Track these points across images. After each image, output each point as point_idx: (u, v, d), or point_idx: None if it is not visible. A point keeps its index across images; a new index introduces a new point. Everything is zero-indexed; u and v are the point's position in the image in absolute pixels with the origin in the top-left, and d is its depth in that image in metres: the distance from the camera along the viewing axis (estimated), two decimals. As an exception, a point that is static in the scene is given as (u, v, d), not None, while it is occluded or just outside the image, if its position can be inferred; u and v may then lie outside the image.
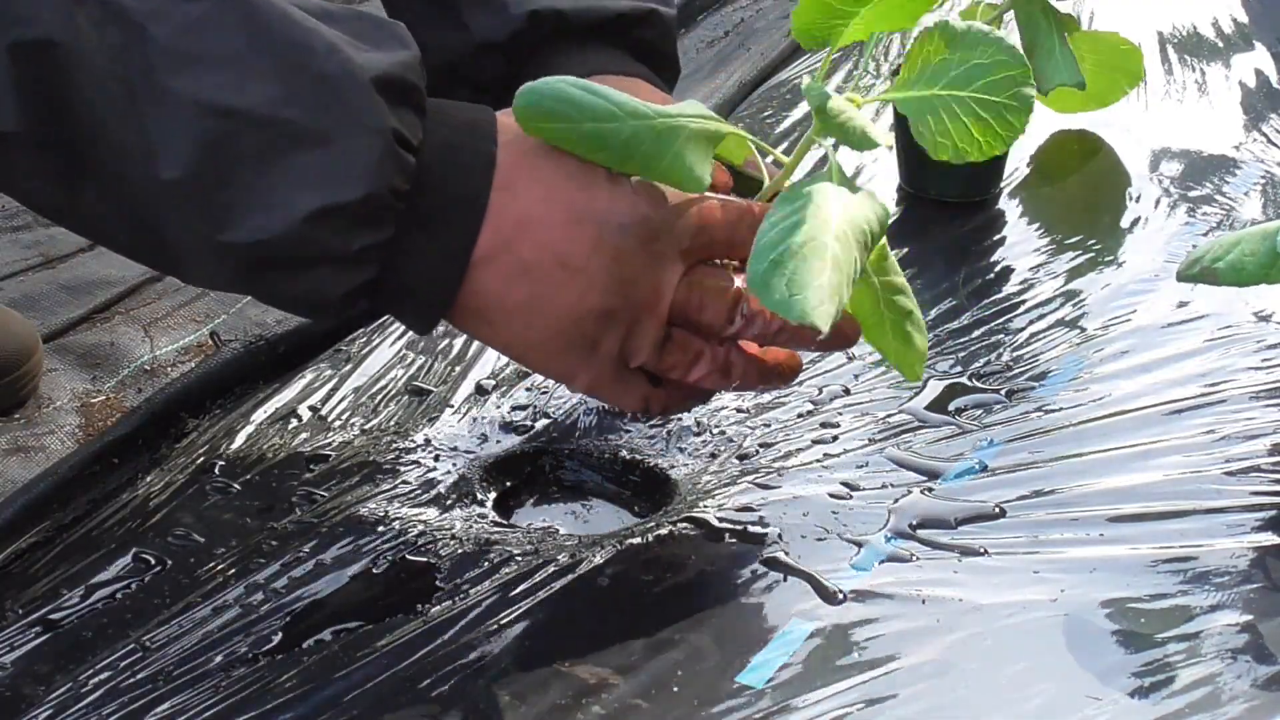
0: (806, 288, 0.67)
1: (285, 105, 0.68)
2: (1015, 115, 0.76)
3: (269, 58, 0.68)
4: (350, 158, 0.69)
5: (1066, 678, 0.75)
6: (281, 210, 0.68)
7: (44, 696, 0.76)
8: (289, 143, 0.68)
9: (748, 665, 0.76)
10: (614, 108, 0.74)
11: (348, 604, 0.83)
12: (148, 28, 0.66)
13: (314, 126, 0.69)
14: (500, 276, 0.75)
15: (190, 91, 0.67)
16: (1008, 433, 0.94)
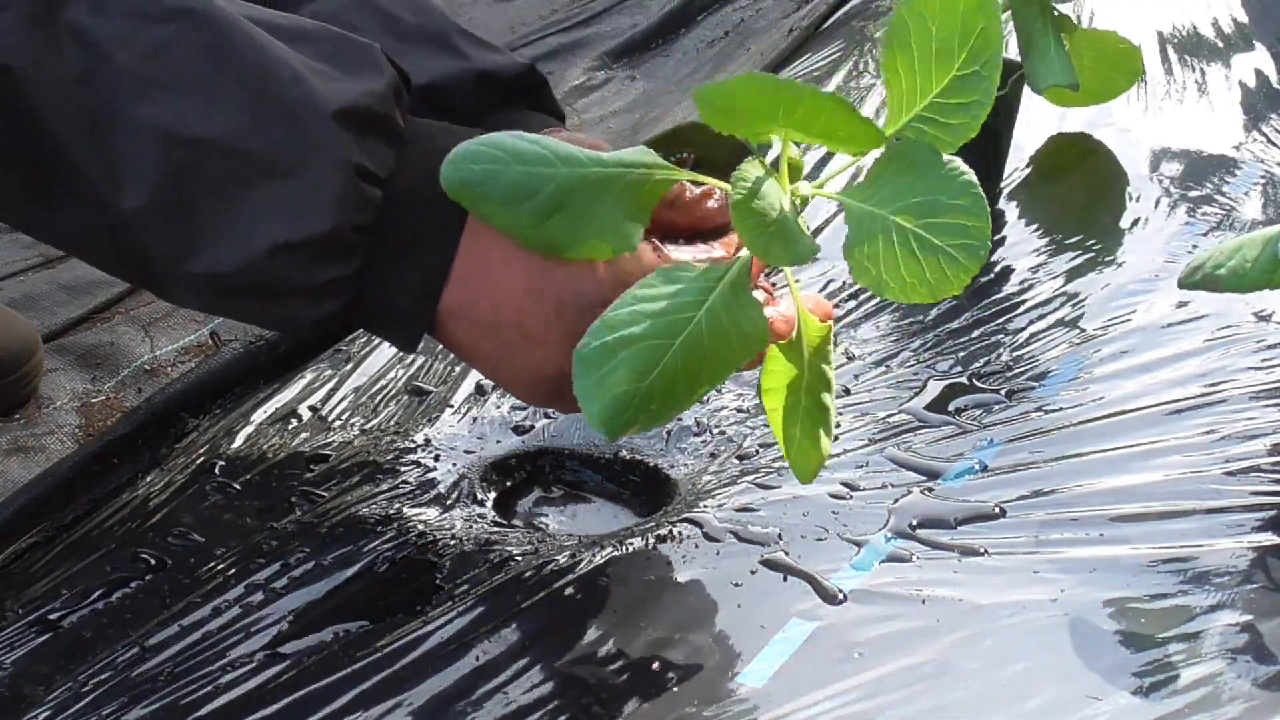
0: (610, 392, 0.65)
1: (248, 136, 0.67)
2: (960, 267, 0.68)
3: (234, 85, 0.67)
4: (312, 192, 0.68)
5: (1066, 678, 0.75)
6: (242, 243, 0.67)
7: (44, 696, 0.76)
8: (251, 174, 0.67)
9: (748, 665, 0.76)
10: (547, 152, 0.67)
11: (348, 604, 0.83)
12: (111, 53, 0.65)
13: (276, 159, 0.67)
14: (465, 329, 0.75)
15: (153, 119, 0.65)
16: (1008, 433, 0.94)
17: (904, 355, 1.04)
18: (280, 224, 0.67)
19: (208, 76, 0.66)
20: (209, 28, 0.67)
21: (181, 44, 0.66)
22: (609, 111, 1.67)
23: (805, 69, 1.54)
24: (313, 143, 0.68)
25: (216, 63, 0.67)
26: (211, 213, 0.67)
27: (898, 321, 1.08)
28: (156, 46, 0.66)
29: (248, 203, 0.67)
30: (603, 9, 1.89)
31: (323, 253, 0.69)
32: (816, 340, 0.74)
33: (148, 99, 0.65)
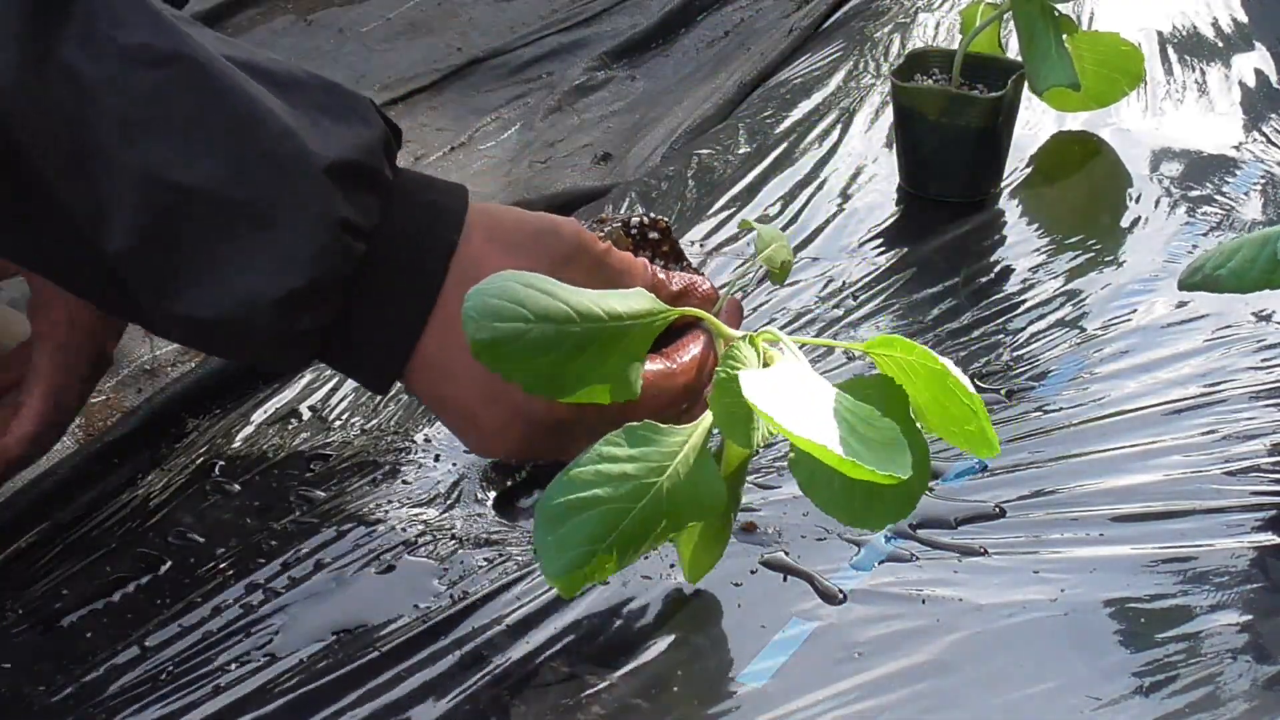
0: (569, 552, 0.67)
1: (235, 185, 0.67)
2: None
3: (221, 134, 0.67)
4: (296, 244, 0.68)
5: (1066, 678, 0.75)
6: (222, 291, 0.68)
7: (44, 696, 0.76)
8: (235, 224, 0.67)
9: (748, 665, 0.76)
10: (568, 309, 0.67)
11: (347, 604, 0.83)
12: (100, 97, 0.65)
13: (261, 210, 0.67)
14: (429, 385, 0.76)
15: (140, 164, 0.65)
16: (1008, 433, 0.94)
17: (904, 355, 1.04)
18: (262, 275, 0.68)
19: (195, 124, 0.66)
20: (199, 75, 0.67)
21: (171, 90, 0.66)
22: (609, 111, 1.67)
23: (805, 69, 1.54)
24: (298, 196, 0.68)
25: (205, 110, 0.67)
26: (194, 259, 0.67)
27: (898, 322, 1.08)
28: (146, 91, 0.66)
29: (230, 251, 0.67)
30: (603, 9, 1.89)
31: (302, 303, 0.69)
32: (735, 464, 0.76)
33: (135, 144, 0.65)
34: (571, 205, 1.28)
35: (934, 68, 1.26)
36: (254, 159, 0.67)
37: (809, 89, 1.48)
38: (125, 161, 0.65)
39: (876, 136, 1.37)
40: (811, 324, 1.08)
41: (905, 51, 1.36)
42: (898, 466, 0.61)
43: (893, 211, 1.24)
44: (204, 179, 0.66)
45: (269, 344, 0.71)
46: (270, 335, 0.70)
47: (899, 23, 1.63)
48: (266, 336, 0.70)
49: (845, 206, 1.25)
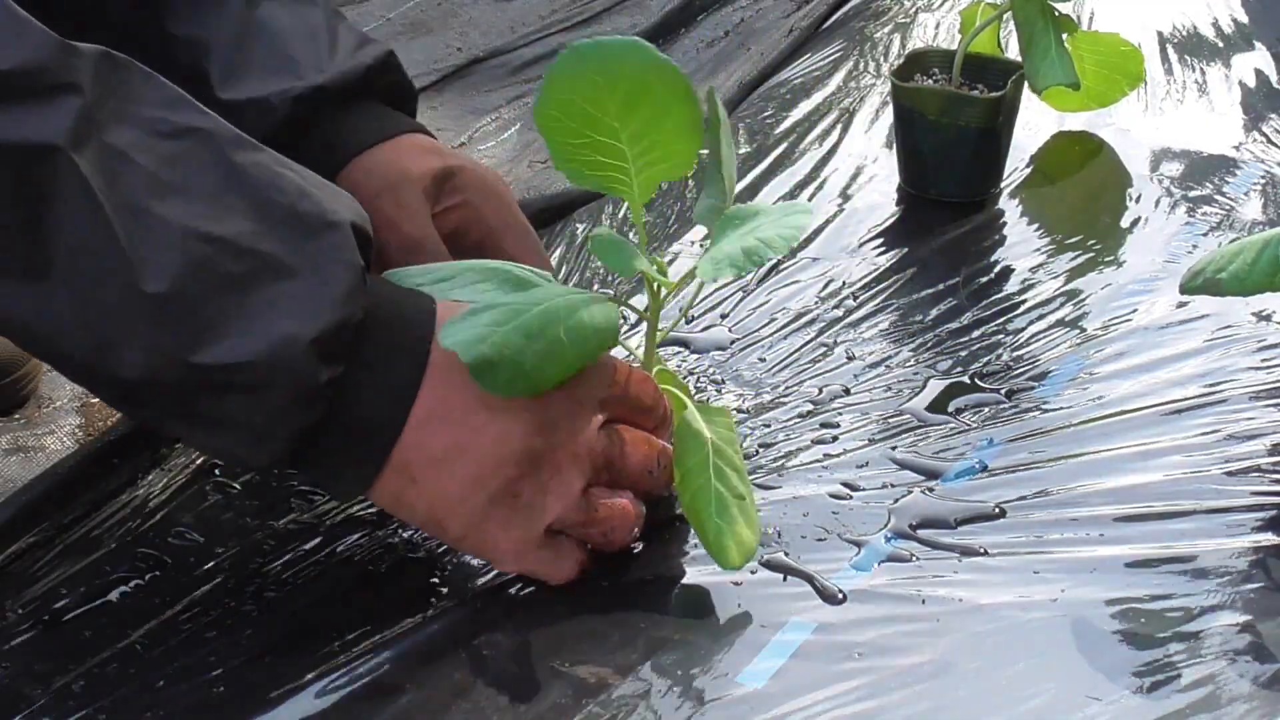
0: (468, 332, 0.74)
1: (262, 239, 0.70)
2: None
3: (244, 196, 0.71)
4: (324, 289, 0.71)
5: (1066, 678, 0.75)
6: (258, 335, 0.70)
7: (44, 696, 0.76)
8: (266, 273, 0.70)
9: (748, 665, 0.76)
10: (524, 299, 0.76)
11: (347, 604, 0.83)
12: (132, 155, 0.68)
13: (290, 259, 0.71)
14: (426, 418, 0.75)
15: (174, 216, 0.69)
16: (1008, 433, 0.94)
17: (904, 355, 1.04)
18: (296, 318, 0.71)
19: (219, 187, 0.70)
20: (216, 144, 0.71)
21: (192, 157, 0.70)
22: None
23: (805, 69, 1.54)
24: (326, 245, 0.72)
25: (226, 175, 0.71)
26: (229, 306, 0.70)
27: (898, 322, 1.08)
28: (169, 157, 0.70)
29: (264, 298, 0.70)
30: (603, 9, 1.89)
31: (328, 347, 0.72)
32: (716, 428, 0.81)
33: (169, 200, 0.69)
34: (571, 206, 1.28)
35: (934, 68, 1.26)
36: (278, 215, 0.72)
37: (809, 89, 1.48)
38: (160, 213, 0.68)
39: (876, 136, 1.37)
40: (811, 324, 1.08)
41: (905, 51, 1.36)
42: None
43: (893, 211, 1.24)
44: (233, 232, 0.70)
45: (285, 398, 0.71)
46: (296, 384, 0.71)
47: (899, 23, 1.63)
48: (293, 385, 0.71)
49: (845, 206, 1.25)
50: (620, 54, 0.76)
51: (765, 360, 1.04)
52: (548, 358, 0.74)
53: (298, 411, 0.72)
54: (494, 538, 0.78)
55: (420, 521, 0.79)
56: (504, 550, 0.79)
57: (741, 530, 0.78)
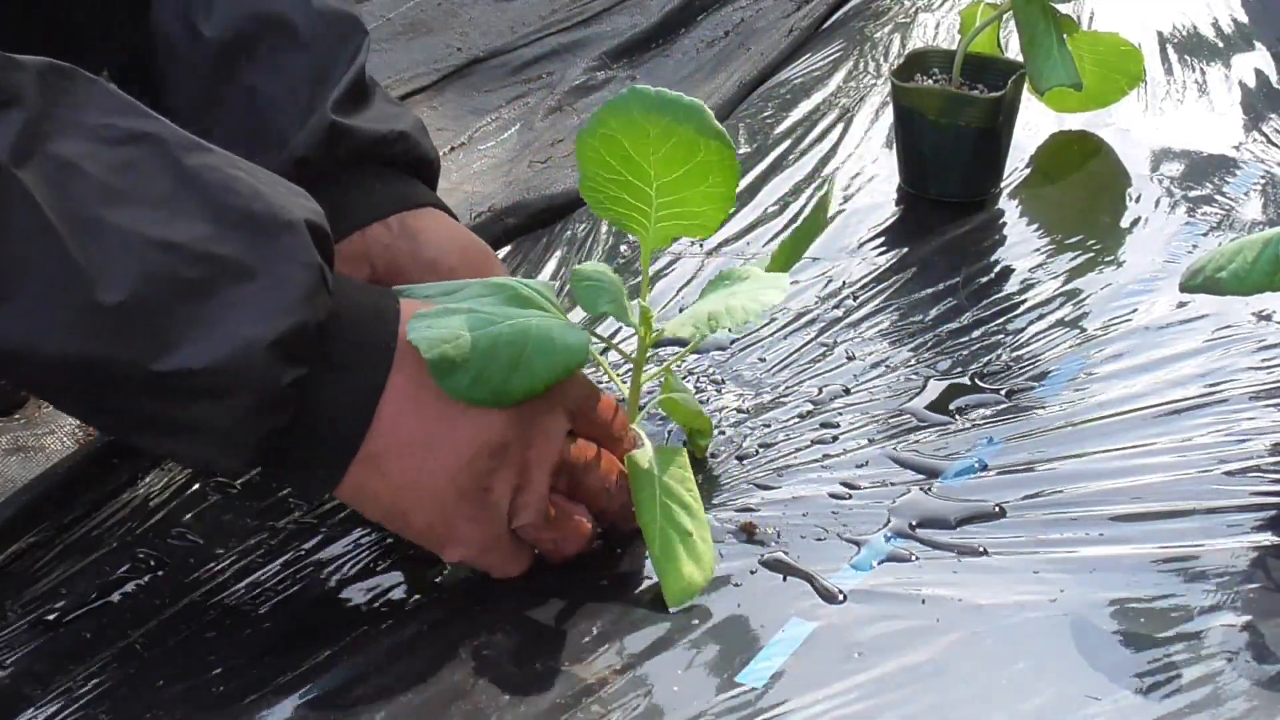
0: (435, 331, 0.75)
1: (218, 242, 0.70)
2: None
3: (198, 200, 0.70)
4: (283, 291, 0.71)
5: (1066, 678, 0.75)
6: (218, 340, 0.69)
7: (44, 696, 0.76)
8: (224, 277, 0.70)
9: (747, 665, 0.76)
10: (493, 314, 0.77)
11: (347, 604, 0.83)
12: (80, 165, 0.68)
13: (247, 262, 0.70)
14: (396, 414, 0.75)
15: (127, 224, 0.68)
16: (1008, 432, 0.94)
17: (904, 355, 1.04)
18: (256, 322, 0.70)
19: (171, 192, 0.70)
20: (166, 148, 0.70)
21: (142, 163, 0.69)
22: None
23: (805, 69, 1.54)
24: (283, 247, 0.71)
25: (177, 179, 0.70)
26: (188, 312, 0.69)
27: (898, 321, 1.08)
28: (119, 165, 0.69)
29: (223, 303, 0.69)
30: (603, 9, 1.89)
31: (290, 349, 0.71)
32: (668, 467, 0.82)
33: (120, 208, 0.68)
34: (570, 206, 1.28)
35: (934, 68, 1.26)
36: (232, 218, 0.71)
37: (809, 89, 1.48)
38: (113, 222, 0.67)
39: (876, 136, 1.37)
40: (811, 324, 1.08)
41: (905, 51, 1.36)
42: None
43: (893, 211, 1.24)
44: (187, 237, 0.69)
45: (250, 402, 0.71)
46: (259, 387, 0.71)
47: (899, 23, 1.63)
48: (256, 388, 0.71)
49: (845, 206, 1.25)
50: (678, 112, 0.79)
51: (765, 360, 1.04)
52: (513, 370, 0.75)
53: (263, 415, 0.72)
54: (460, 531, 0.78)
55: (381, 513, 0.78)
56: (467, 539, 0.78)
57: (685, 569, 0.80)
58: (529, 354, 0.76)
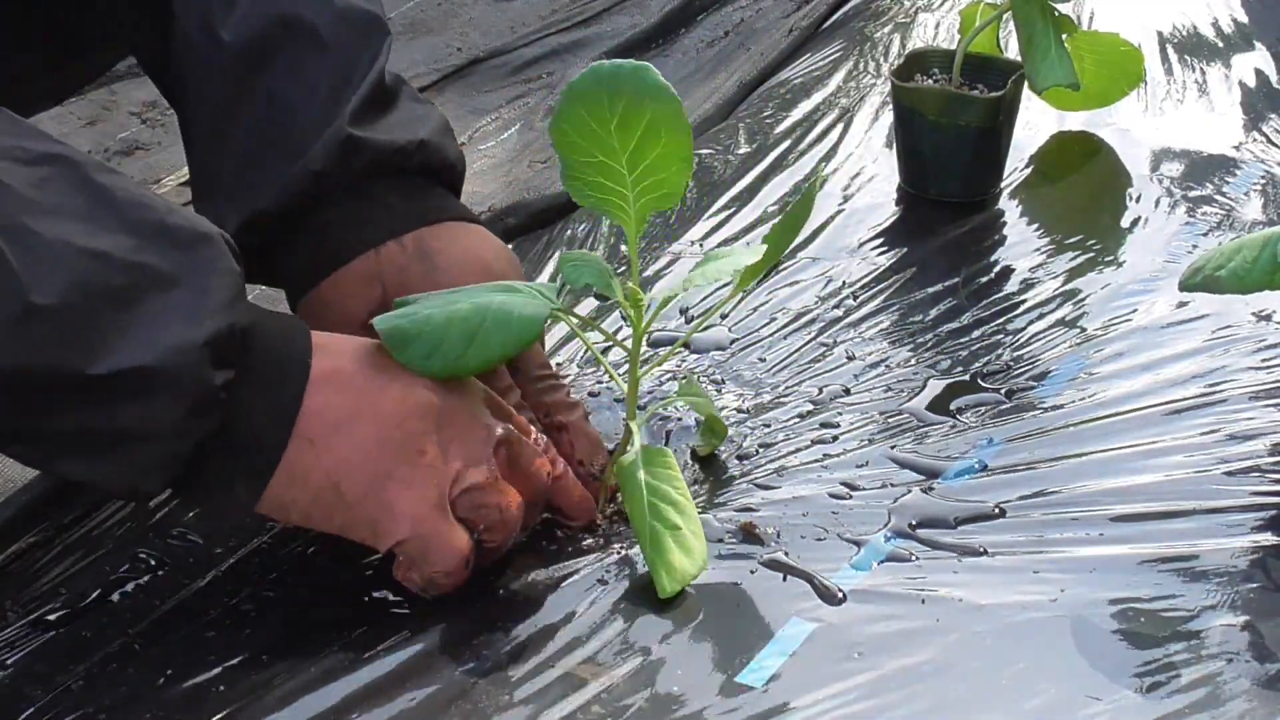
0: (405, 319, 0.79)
1: (141, 252, 0.71)
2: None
3: (114, 215, 0.71)
4: (208, 296, 0.72)
5: (1066, 678, 0.75)
6: (150, 343, 0.70)
7: (44, 696, 0.76)
8: (150, 284, 0.71)
9: (747, 665, 0.76)
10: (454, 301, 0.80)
11: (347, 604, 0.83)
12: (5, 179, 0.68)
13: (171, 270, 0.71)
14: (322, 400, 0.76)
15: (54, 233, 0.68)
16: (1008, 432, 0.94)
17: (904, 355, 1.04)
18: (187, 324, 0.71)
19: (89, 208, 0.70)
20: (78, 168, 0.71)
21: (57, 179, 0.70)
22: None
23: (805, 69, 1.54)
24: (203, 256, 0.73)
25: (92, 197, 0.71)
26: (117, 318, 0.70)
27: (898, 321, 1.08)
28: (37, 181, 0.70)
29: (150, 309, 0.70)
30: (603, 9, 1.89)
31: (220, 354, 0.72)
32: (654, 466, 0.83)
33: (45, 219, 0.69)
34: (570, 206, 1.28)
35: (934, 68, 1.26)
36: (151, 230, 0.72)
37: (809, 89, 1.48)
38: (40, 231, 0.68)
39: (876, 136, 1.37)
40: (811, 324, 1.08)
41: (905, 51, 1.36)
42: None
43: (893, 211, 1.24)
44: (111, 246, 0.70)
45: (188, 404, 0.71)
46: (193, 389, 0.71)
47: (899, 23, 1.63)
48: (190, 390, 0.71)
49: (845, 206, 1.25)
50: (623, 77, 0.80)
51: (765, 360, 1.04)
52: (469, 343, 0.78)
53: (197, 419, 0.72)
54: (393, 498, 0.77)
55: (312, 493, 0.76)
56: (402, 511, 0.77)
57: (675, 559, 0.80)
58: (486, 328, 0.78)
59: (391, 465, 0.77)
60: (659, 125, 0.80)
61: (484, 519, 0.79)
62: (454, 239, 0.90)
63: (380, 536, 0.78)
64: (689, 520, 0.82)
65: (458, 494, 0.78)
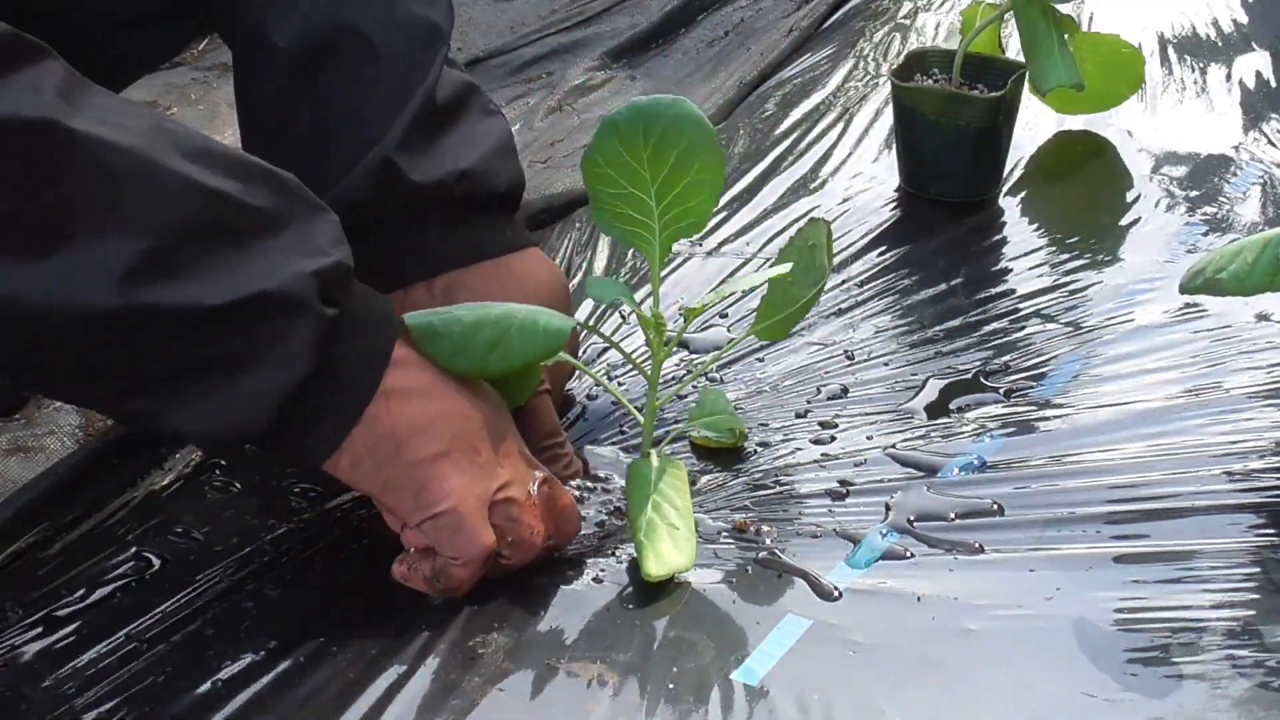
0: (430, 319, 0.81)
1: (248, 194, 0.73)
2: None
3: (221, 158, 0.73)
4: (316, 236, 0.74)
5: (1063, 676, 0.75)
6: (266, 274, 0.71)
7: (44, 696, 0.76)
8: (261, 221, 0.73)
9: (743, 662, 0.76)
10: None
11: (347, 604, 0.83)
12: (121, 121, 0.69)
13: (280, 211, 0.73)
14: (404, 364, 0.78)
15: (179, 169, 0.70)
16: (1007, 431, 0.94)
17: (904, 355, 1.04)
18: (296, 259, 0.73)
19: (197, 151, 0.72)
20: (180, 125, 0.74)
21: (163, 127, 0.72)
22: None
23: (805, 69, 1.54)
24: (303, 200, 0.75)
25: (198, 141, 0.73)
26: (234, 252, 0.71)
27: (898, 321, 1.08)
28: (148, 126, 0.71)
29: (264, 245, 0.72)
30: (603, 9, 1.89)
31: (326, 288, 0.73)
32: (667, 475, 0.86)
33: (168, 156, 0.70)
34: (571, 206, 1.28)
35: (934, 68, 1.26)
36: (257, 177, 0.73)
37: (809, 89, 1.48)
38: (168, 166, 0.69)
39: (876, 136, 1.37)
40: (811, 324, 1.08)
41: (905, 51, 1.36)
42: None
43: (893, 211, 1.24)
44: (222, 185, 0.71)
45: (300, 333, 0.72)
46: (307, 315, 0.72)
47: (899, 23, 1.63)
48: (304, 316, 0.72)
49: (845, 206, 1.25)
50: (661, 107, 0.83)
51: (764, 360, 1.04)
52: (494, 348, 0.80)
53: (306, 348, 0.73)
54: (446, 472, 0.78)
55: (373, 443, 0.76)
56: (451, 487, 0.78)
57: (664, 548, 0.82)
58: (511, 335, 0.80)
59: (450, 447, 0.78)
60: (692, 153, 0.83)
61: (513, 533, 0.81)
62: (491, 280, 0.90)
63: (421, 505, 0.78)
64: (686, 525, 0.84)
65: (498, 500, 0.80)
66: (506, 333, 0.80)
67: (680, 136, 0.82)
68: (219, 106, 1.63)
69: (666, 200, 0.84)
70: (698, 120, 0.83)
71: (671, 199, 0.84)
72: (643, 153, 0.82)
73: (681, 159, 0.83)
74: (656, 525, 0.83)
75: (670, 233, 0.85)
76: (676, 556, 0.82)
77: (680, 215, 0.84)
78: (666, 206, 0.84)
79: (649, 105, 0.83)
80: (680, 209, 0.84)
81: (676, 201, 0.84)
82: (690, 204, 0.84)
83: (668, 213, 0.84)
